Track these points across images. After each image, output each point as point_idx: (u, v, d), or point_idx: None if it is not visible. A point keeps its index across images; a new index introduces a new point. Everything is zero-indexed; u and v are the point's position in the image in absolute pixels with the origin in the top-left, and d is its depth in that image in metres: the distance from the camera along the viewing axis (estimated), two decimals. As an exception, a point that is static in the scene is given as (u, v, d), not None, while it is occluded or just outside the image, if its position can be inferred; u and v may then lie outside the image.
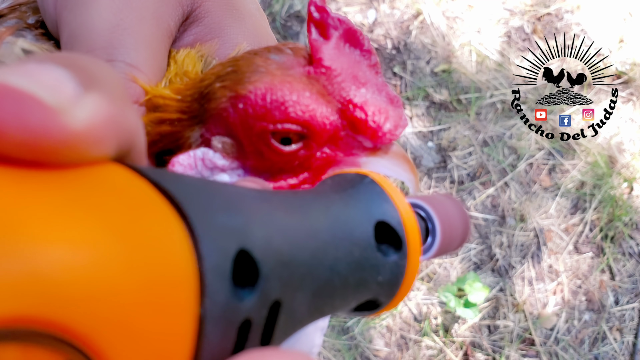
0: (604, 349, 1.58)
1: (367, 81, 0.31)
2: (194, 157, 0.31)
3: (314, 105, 0.30)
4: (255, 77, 0.30)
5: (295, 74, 0.30)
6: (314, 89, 0.30)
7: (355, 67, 0.31)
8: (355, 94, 0.30)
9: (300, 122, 0.30)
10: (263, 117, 0.30)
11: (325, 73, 0.30)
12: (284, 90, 0.30)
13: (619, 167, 1.71)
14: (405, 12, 1.81)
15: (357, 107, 0.30)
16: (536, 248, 1.65)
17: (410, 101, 1.73)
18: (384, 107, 0.31)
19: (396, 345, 1.56)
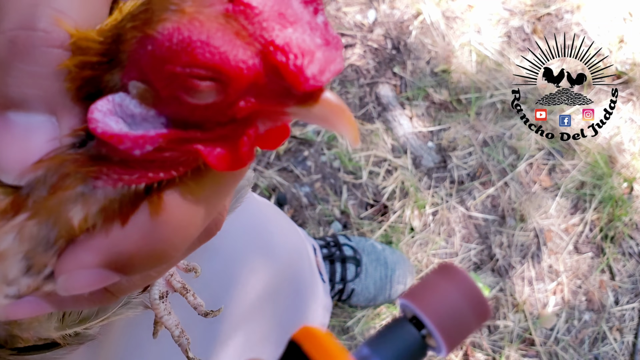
0: (604, 349, 1.58)
1: (297, 20, 0.28)
2: (113, 102, 0.29)
3: (227, 47, 0.27)
4: (165, 15, 0.28)
5: (211, 12, 0.27)
6: (231, 29, 0.27)
7: (284, 4, 0.28)
8: (277, 34, 0.27)
9: (210, 65, 0.27)
10: (170, 59, 0.27)
11: (245, 11, 0.27)
12: (193, 30, 0.27)
13: (619, 167, 1.71)
14: (405, 12, 1.81)
15: (278, 48, 0.27)
16: (536, 248, 1.65)
17: (410, 101, 1.73)
18: (311, 48, 0.27)
19: (396, 345, 1.56)
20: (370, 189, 1.65)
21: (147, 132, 0.29)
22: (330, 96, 0.28)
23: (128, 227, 0.30)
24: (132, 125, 0.29)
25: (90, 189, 0.30)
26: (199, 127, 0.29)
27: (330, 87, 1.69)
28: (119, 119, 0.29)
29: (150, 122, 0.29)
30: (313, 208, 1.63)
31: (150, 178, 0.30)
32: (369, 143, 1.69)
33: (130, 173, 0.30)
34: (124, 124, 0.29)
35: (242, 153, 0.30)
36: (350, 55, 1.76)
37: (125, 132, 0.28)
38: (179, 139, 0.29)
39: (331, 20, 1.78)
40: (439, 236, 1.64)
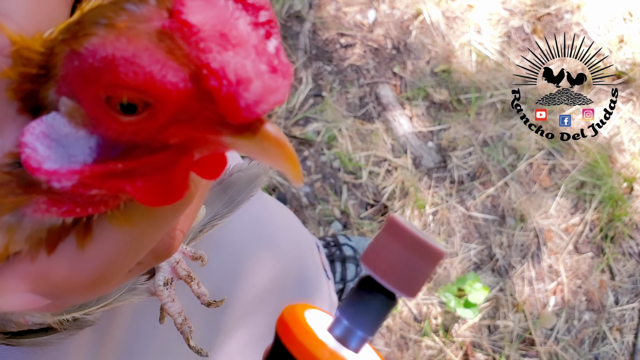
0: (604, 349, 1.58)
1: (240, 43, 0.25)
2: (45, 123, 0.26)
3: (154, 67, 0.24)
4: (93, 29, 0.25)
5: (144, 28, 0.25)
6: (163, 48, 0.25)
7: (228, 24, 0.25)
8: (214, 56, 0.24)
9: (133, 86, 0.24)
10: (94, 78, 0.25)
11: (182, 29, 0.25)
12: (118, 47, 0.24)
13: (619, 167, 1.71)
14: (405, 12, 1.81)
15: (212, 72, 0.24)
16: (536, 248, 1.65)
17: (410, 101, 1.73)
18: (248, 75, 0.25)
19: (396, 345, 1.56)
20: (370, 189, 1.65)
21: (62, 167, 0.26)
22: (270, 129, 0.26)
23: (54, 257, 0.29)
24: (65, 148, 0.26)
25: (18, 217, 0.29)
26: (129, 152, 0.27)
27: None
28: (51, 142, 0.26)
29: (81, 144, 0.26)
30: (313, 208, 1.63)
31: (77, 213, 0.29)
32: (369, 143, 1.69)
33: (58, 205, 0.28)
34: (54, 149, 0.26)
35: (175, 185, 0.27)
36: (350, 55, 1.76)
37: (42, 164, 0.26)
38: (102, 174, 0.26)
39: (331, 20, 1.78)
40: (439, 236, 1.64)
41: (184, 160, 0.27)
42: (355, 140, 1.68)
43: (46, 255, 0.29)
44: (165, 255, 0.35)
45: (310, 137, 1.67)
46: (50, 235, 0.29)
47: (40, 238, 0.29)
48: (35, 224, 0.29)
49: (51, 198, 0.28)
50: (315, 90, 1.72)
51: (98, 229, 0.29)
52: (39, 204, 0.28)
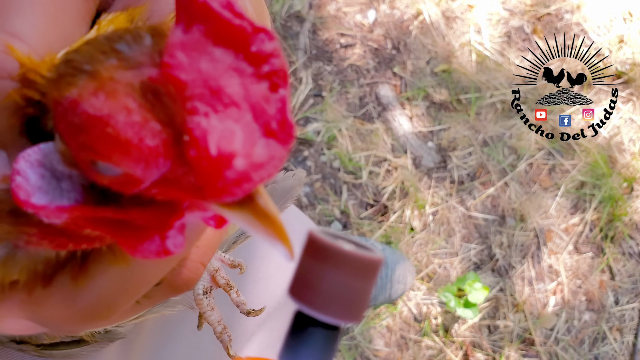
0: (604, 349, 1.58)
1: (235, 102, 0.22)
2: (42, 152, 0.24)
3: (131, 131, 0.21)
4: (74, 79, 0.23)
5: (129, 79, 0.22)
6: (146, 106, 0.22)
7: (226, 78, 0.22)
8: (199, 121, 0.21)
9: (104, 152, 0.22)
10: (73, 133, 0.22)
11: (166, 83, 0.22)
12: (95, 106, 0.22)
13: (619, 167, 1.71)
14: (405, 12, 1.81)
15: (193, 141, 0.21)
16: (536, 248, 1.65)
17: (410, 101, 1.73)
18: (234, 148, 0.21)
19: (396, 345, 1.56)
20: (370, 189, 1.65)
21: (51, 203, 0.24)
22: (260, 201, 0.23)
23: (50, 290, 0.28)
24: (59, 182, 0.25)
25: (10, 249, 0.27)
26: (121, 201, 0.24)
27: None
28: (45, 172, 0.24)
29: (74, 181, 0.25)
30: (313, 208, 1.63)
31: (70, 247, 0.27)
32: (369, 143, 1.69)
33: (50, 239, 0.26)
34: (47, 180, 0.24)
35: (166, 244, 0.24)
36: (350, 55, 1.76)
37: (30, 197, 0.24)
38: (91, 218, 0.24)
39: (331, 20, 1.79)
40: (439, 236, 1.64)
41: (173, 220, 0.24)
42: (355, 140, 1.69)
43: (42, 287, 0.28)
44: (184, 288, 0.33)
45: (310, 137, 1.67)
46: (46, 268, 0.28)
47: (35, 270, 0.28)
48: (29, 256, 0.28)
49: (43, 231, 0.26)
50: (315, 90, 1.72)
51: (94, 264, 0.28)
52: (30, 236, 0.27)
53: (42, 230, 0.26)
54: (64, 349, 0.47)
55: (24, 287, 0.28)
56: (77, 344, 0.47)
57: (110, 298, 0.28)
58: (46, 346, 0.46)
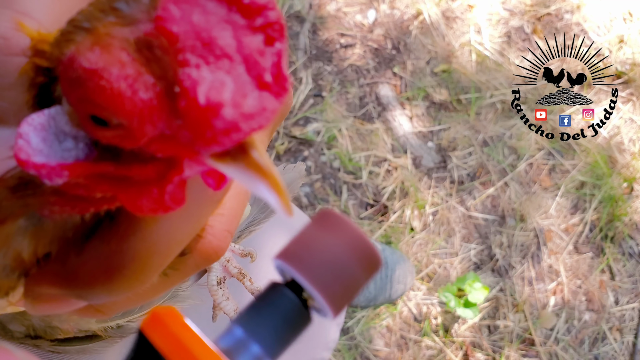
0: (604, 349, 1.58)
1: (227, 53, 0.22)
2: (48, 115, 0.25)
3: (123, 83, 0.22)
4: (74, 35, 0.23)
5: (125, 35, 0.22)
6: (140, 59, 0.22)
7: (218, 30, 0.22)
8: (189, 72, 0.22)
9: (98, 102, 0.22)
10: (70, 88, 0.23)
11: (159, 36, 0.22)
12: (90, 59, 0.22)
13: (619, 167, 1.71)
14: (405, 12, 1.81)
15: (183, 91, 0.22)
16: (536, 248, 1.65)
17: (410, 101, 1.73)
18: (222, 97, 0.21)
19: (396, 345, 1.56)
20: (370, 189, 1.65)
21: (51, 161, 0.24)
22: (254, 154, 0.23)
23: (83, 255, 0.28)
24: (62, 144, 0.25)
25: (37, 220, 0.28)
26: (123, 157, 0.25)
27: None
28: (48, 135, 0.25)
29: (77, 142, 0.25)
30: (313, 208, 1.63)
31: (91, 209, 0.27)
32: (369, 143, 1.69)
33: (70, 204, 0.27)
34: (49, 143, 0.25)
35: (165, 199, 0.25)
36: (350, 55, 1.76)
37: (31, 157, 0.24)
38: (93, 175, 0.25)
39: (331, 20, 1.79)
40: (439, 236, 1.64)
41: (172, 175, 0.24)
42: (355, 140, 1.69)
43: (75, 254, 0.28)
44: (214, 257, 0.33)
45: (310, 137, 1.67)
46: (77, 235, 0.28)
47: (66, 238, 0.28)
48: (57, 225, 0.28)
49: (61, 197, 0.27)
50: (315, 90, 1.72)
51: (123, 226, 0.28)
52: (51, 204, 0.27)
53: (60, 197, 0.26)
54: (78, 344, 0.47)
55: (57, 257, 0.28)
56: (91, 339, 0.48)
57: (145, 259, 0.28)
58: (60, 341, 0.46)
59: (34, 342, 0.46)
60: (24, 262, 0.28)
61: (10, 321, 0.44)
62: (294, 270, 0.27)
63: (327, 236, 0.27)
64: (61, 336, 0.45)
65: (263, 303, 0.27)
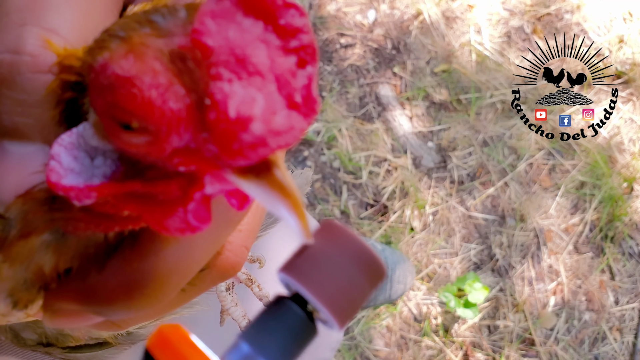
0: (604, 349, 1.58)
1: (260, 71, 0.22)
2: (76, 134, 0.25)
3: (155, 92, 0.22)
4: (108, 43, 0.24)
5: (159, 45, 0.23)
6: (172, 70, 0.22)
7: (252, 48, 0.22)
8: (221, 86, 0.22)
9: (129, 109, 0.22)
10: (100, 94, 0.23)
11: (194, 49, 0.22)
12: (123, 66, 0.22)
13: (619, 167, 1.71)
14: (405, 12, 1.81)
15: (214, 104, 0.22)
16: (536, 248, 1.65)
17: (410, 101, 1.73)
18: (253, 112, 0.22)
19: (396, 345, 1.56)
20: (370, 189, 1.65)
21: (79, 183, 0.24)
22: (278, 174, 0.23)
23: (104, 273, 0.28)
24: (92, 161, 0.25)
25: (60, 236, 0.28)
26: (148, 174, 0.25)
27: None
28: (79, 153, 0.25)
29: (107, 156, 0.25)
30: (313, 208, 1.63)
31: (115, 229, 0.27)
32: (369, 143, 1.69)
33: (95, 222, 0.27)
34: (81, 161, 0.25)
35: (188, 218, 0.24)
36: (350, 55, 1.76)
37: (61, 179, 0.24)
38: (120, 194, 0.25)
39: (331, 20, 1.79)
40: (439, 236, 1.64)
41: (193, 190, 0.24)
42: (355, 140, 1.69)
43: (96, 272, 0.28)
44: (232, 273, 0.33)
45: (310, 137, 1.67)
46: (98, 252, 0.28)
47: (87, 255, 0.28)
48: (80, 241, 0.28)
49: (88, 215, 0.27)
50: (315, 90, 1.72)
51: (145, 245, 0.28)
52: (76, 220, 0.27)
53: (86, 214, 0.26)
54: (89, 351, 0.47)
55: (77, 273, 0.28)
56: (101, 347, 0.48)
57: (165, 279, 0.28)
58: (72, 349, 0.46)
59: (45, 350, 0.46)
60: (44, 276, 0.28)
61: (22, 329, 0.44)
62: (298, 284, 0.27)
63: (329, 248, 0.27)
64: (72, 343, 0.45)
65: (269, 317, 0.27)
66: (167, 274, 0.28)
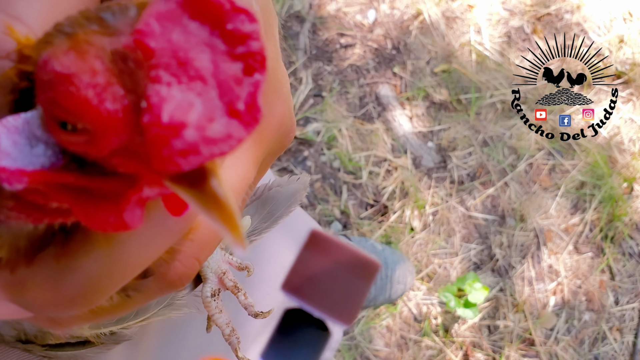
0: (604, 349, 1.58)
1: (202, 75, 0.21)
2: (23, 118, 0.25)
3: (92, 91, 0.22)
4: (53, 38, 0.23)
5: (103, 44, 0.22)
6: (113, 70, 0.22)
7: (194, 53, 0.22)
8: (159, 88, 0.21)
9: (66, 108, 0.22)
10: (41, 90, 0.23)
11: (135, 50, 0.22)
12: (63, 63, 0.22)
13: (619, 167, 1.71)
14: (405, 12, 1.81)
15: (149, 107, 0.21)
16: (536, 248, 1.65)
17: (410, 101, 1.73)
18: (188, 118, 0.21)
19: (396, 345, 1.56)
20: (370, 189, 1.65)
21: (11, 166, 0.24)
22: (213, 183, 0.22)
23: (32, 268, 0.27)
24: (32, 149, 0.24)
25: None
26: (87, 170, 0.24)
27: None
28: (20, 139, 0.24)
29: (45, 149, 0.24)
30: (313, 208, 1.63)
31: (46, 220, 0.27)
32: (369, 143, 1.69)
33: (26, 212, 0.26)
34: (20, 148, 0.24)
35: (121, 217, 0.24)
36: (350, 55, 1.76)
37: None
38: (52, 183, 0.24)
39: (331, 20, 1.79)
40: (439, 236, 1.64)
41: (130, 193, 0.24)
42: (355, 140, 1.69)
43: (25, 265, 0.28)
44: (178, 284, 0.32)
45: (310, 137, 1.67)
46: (28, 245, 0.28)
47: (18, 247, 0.28)
48: (11, 232, 0.27)
49: (18, 203, 0.26)
50: (315, 90, 1.72)
51: (77, 244, 0.27)
52: (8, 209, 0.26)
53: (17, 203, 0.26)
54: (70, 350, 0.47)
55: (6, 264, 0.28)
56: (83, 346, 0.47)
57: (95, 280, 0.27)
58: (52, 347, 0.46)
59: (25, 347, 0.45)
60: None
61: (1, 325, 0.44)
62: (302, 302, 0.28)
63: (320, 259, 0.28)
64: (52, 341, 0.45)
65: (284, 335, 0.28)
66: (96, 275, 0.27)
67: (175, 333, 0.63)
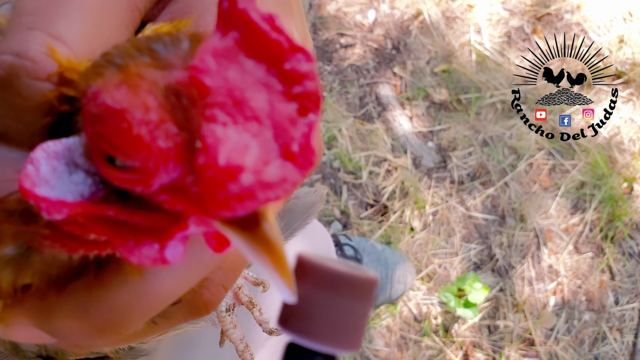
0: (604, 349, 1.58)
1: (257, 116, 0.21)
2: (64, 145, 0.24)
3: (144, 128, 0.21)
4: (103, 70, 0.23)
5: (156, 78, 0.22)
6: (166, 106, 0.21)
7: (250, 92, 0.21)
8: (214, 128, 0.20)
9: (116, 145, 0.21)
10: (89, 122, 0.22)
11: (191, 86, 0.21)
12: (114, 97, 0.21)
13: (619, 167, 1.71)
14: (405, 12, 1.81)
15: (204, 148, 0.20)
16: (536, 248, 1.65)
17: (410, 101, 1.73)
18: (244, 161, 0.20)
19: (396, 345, 1.56)
20: (370, 189, 1.65)
21: (53, 196, 0.23)
22: (265, 227, 0.21)
23: (63, 297, 0.27)
24: (71, 177, 0.24)
25: (24, 251, 0.27)
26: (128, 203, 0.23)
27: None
28: (60, 165, 0.23)
29: (90, 176, 0.24)
30: (313, 208, 1.63)
31: (81, 251, 0.26)
32: (369, 143, 1.69)
33: (62, 241, 0.26)
34: (59, 174, 0.24)
35: (163, 253, 0.23)
36: (350, 55, 1.76)
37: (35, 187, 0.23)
38: (92, 216, 0.23)
39: (331, 20, 1.79)
40: (439, 236, 1.64)
41: (174, 229, 0.23)
42: (355, 140, 1.69)
43: (55, 293, 0.27)
44: (204, 312, 0.32)
45: (310, 137, 1.67)
46: (60, 273, 0.27)
47: (49, 275, 0.27)
48: (44, 260, 0.27)
49: (54, 232, 0.25)
50: (315, 90, 1.72)
51: (109, 275, 0.27)
52: (44, 238, 0.26)
53: (53, 232, 0.25)
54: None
55: (36, 291, 0.27)
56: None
57: (124, 313, 0.27)
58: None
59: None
60: (1, 291, 0.27)
61: None
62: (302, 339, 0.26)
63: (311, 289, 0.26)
64: (72, 357, 0.45)
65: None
66: (127, 307, 0.27)
67: (190, 346, 0.63)
